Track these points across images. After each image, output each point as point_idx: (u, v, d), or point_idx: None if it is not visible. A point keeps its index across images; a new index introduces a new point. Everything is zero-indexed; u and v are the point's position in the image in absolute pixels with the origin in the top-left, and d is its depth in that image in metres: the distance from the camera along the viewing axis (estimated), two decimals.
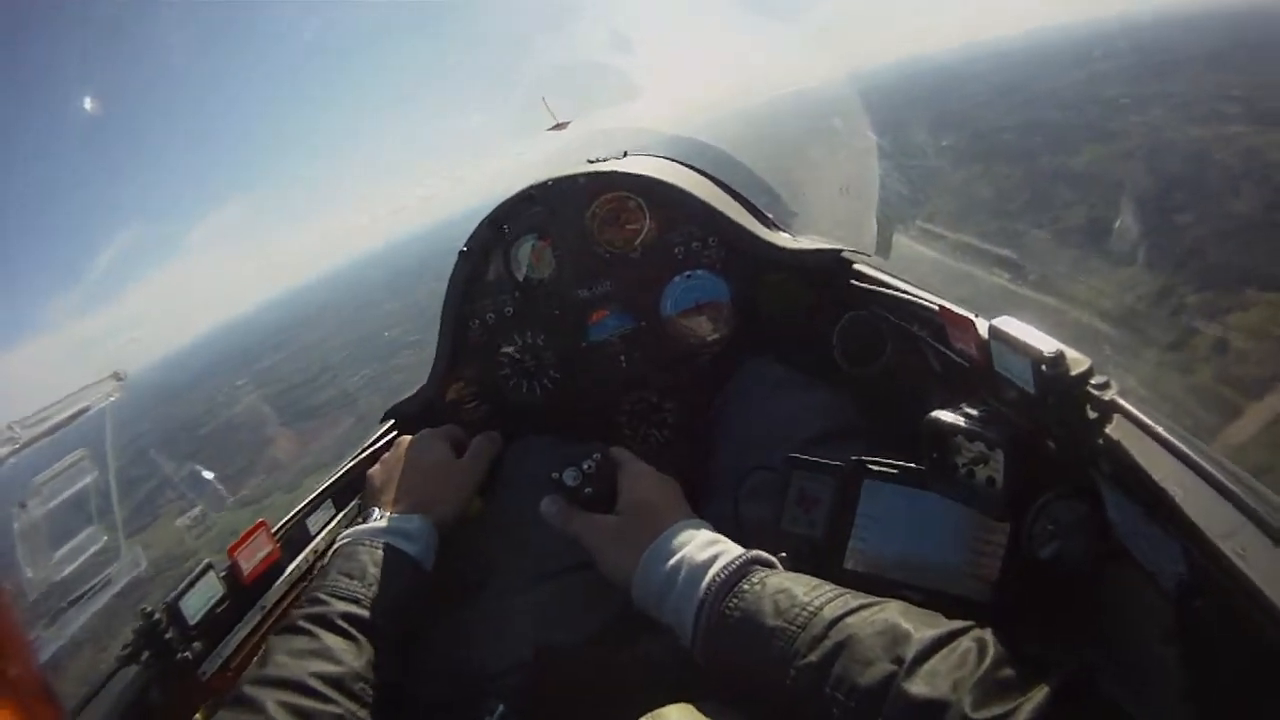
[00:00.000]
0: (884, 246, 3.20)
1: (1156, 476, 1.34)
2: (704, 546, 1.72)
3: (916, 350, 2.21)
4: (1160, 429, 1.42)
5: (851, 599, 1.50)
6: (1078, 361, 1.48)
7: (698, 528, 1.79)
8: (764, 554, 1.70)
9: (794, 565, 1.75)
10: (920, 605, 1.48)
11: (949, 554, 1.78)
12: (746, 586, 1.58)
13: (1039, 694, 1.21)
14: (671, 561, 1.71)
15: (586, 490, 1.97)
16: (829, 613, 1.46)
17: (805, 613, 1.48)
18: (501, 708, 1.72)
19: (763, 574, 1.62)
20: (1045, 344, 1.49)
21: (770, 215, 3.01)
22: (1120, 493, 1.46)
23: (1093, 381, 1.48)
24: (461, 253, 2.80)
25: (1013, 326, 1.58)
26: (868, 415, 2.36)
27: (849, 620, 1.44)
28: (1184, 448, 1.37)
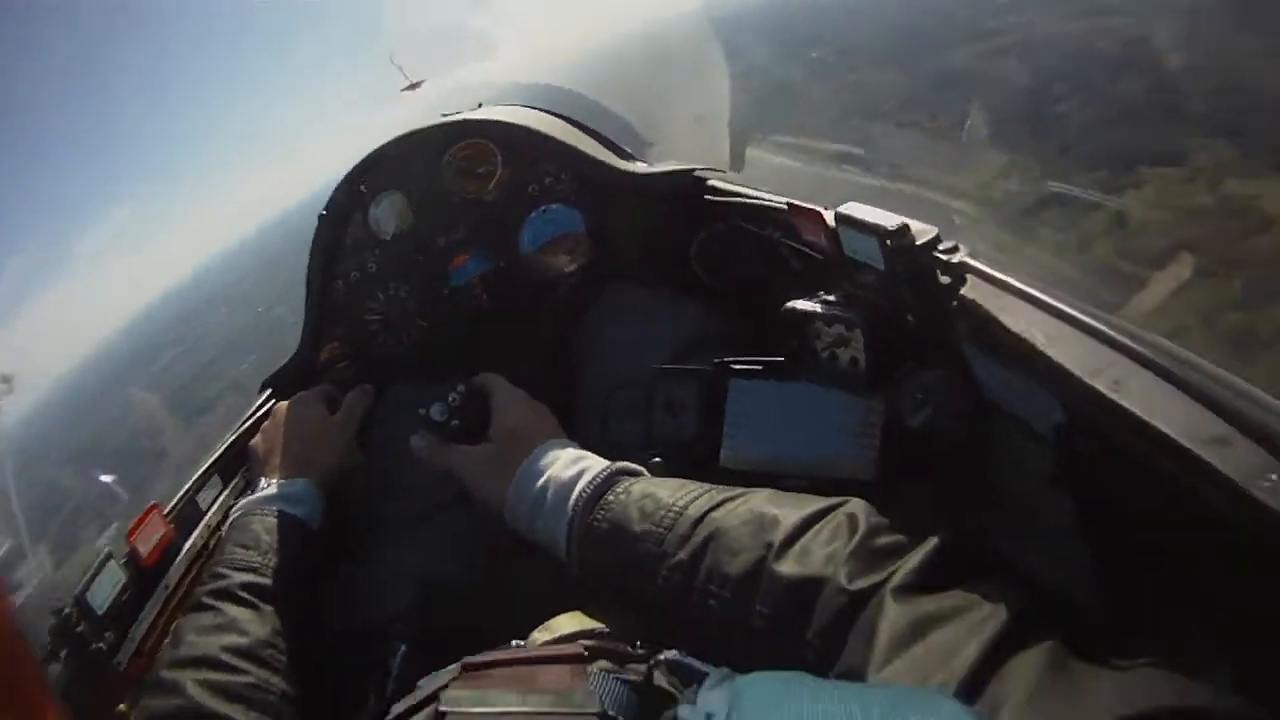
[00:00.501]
0: (738, 161, 3.18)
1: (1016, 328, 1.34)
2: (570, 464, 1.70)
3: (776, 255, 2.21)
4: (1014, 282, 1.42)
5: (717, 494, 1.48)
6: (924, 231, 1.48)
7: (563, 447, 1.77)
8: (630, 465, 1.68)
9: (669, 471, 1.73)
10: (805, 491, 1.46)
11: (827, 440, 1.76)
12: (612, 497, 1.56)
13: (916, 555, 1.19)
14: (539, 482, 1.68)
15: (454, 423, 1.92)
16: (694, 510, 1.44)
17: (671, 514, 1.45)
18: (403, 648, 1.69)
19: (628, 483, 1.59)
20: (889, 219, 1.49)
21: (627, 148, 2.96)
22: (984, 351, 1.46)
23: (940, 248, 1.48)
24: (320, 216, 2.74)
25: (856, 209, 1.57)
26: (731, 324, 2.35)
27: (714, 514, 1.41)
28: (1041, 296, 1.37)
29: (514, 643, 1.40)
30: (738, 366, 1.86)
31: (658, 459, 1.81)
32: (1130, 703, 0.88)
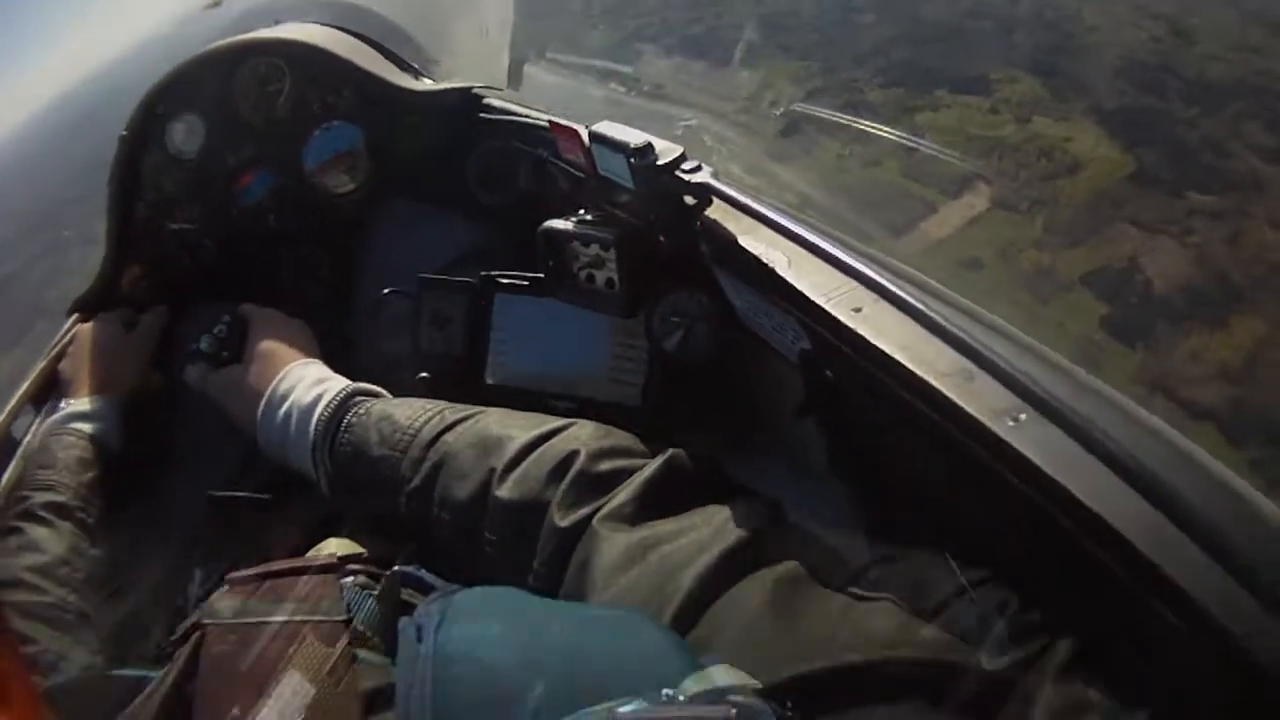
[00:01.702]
0: (515, 78, 3.08)
1: (758, 253, 1.30)
2: (311, 386, 1.63)
3: (546, 172, 2.09)
4: (757, 205, 1.38)
5: (450, 414, 1.45)
6: (669, 150, 1.42)
7: (306, 367, 1.71)
8: (367, 385, 1.63)
9: (435, 387, 1.71)
10: (570, 414, 1.40)
11: (594, 361, 1.72)
12: (353, 419, 1.50)
13: (634, 481, 1.16)
14: (284, 408, 1.61)
15: (224, 354, 1.83)
16: (427, 433, 1.40)
17: (405, 436, 1.41)
18: (199, 573, 1.65)
19: (368, 404, 1.54)
20: (635, 137, 1.42)
21: (415, 65, 2.83)
22: (731, 275, 1.43)
23: (684, 167, 1.42)
24: (120, 138, 2.57)
25: (610, 128, 1.50)
26: (508, 241, 2.28)
27: (446, 437, 1.39)
28: (783, 221, 1.33)
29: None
30: (504, 281, 1.81)
31: (424, 375, 1.79)
32: (854, 646, 0.85)
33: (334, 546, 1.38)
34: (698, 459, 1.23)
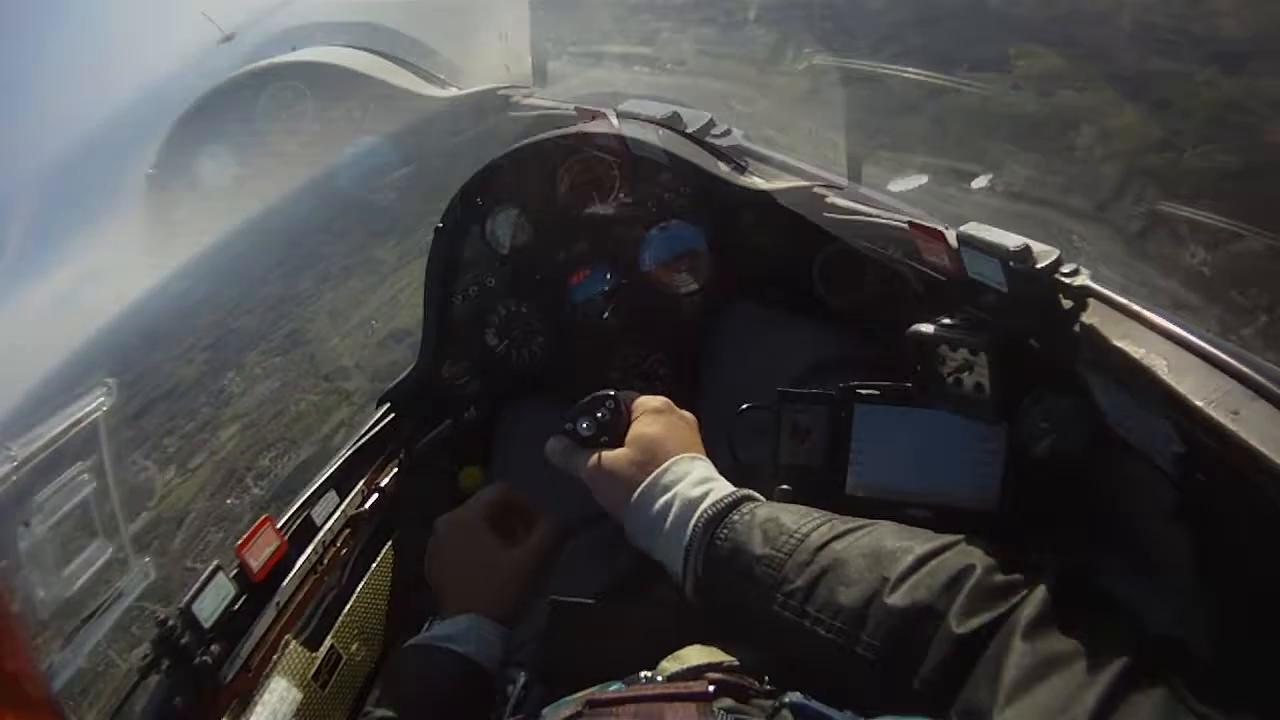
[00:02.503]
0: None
1: (1137, 355, 1.34)
2: (697, 483, 1.70)
3: (897, 274, 2.21)
4: (1136, 306, 1.42)
5: (840, 524, 1.51)
6: (1046, 253, 1.48)
7: (694, 463, 1.77)
8: (754, 492, 1.69)
9: (796, 497, 1.77)
10: (927, 522, 1.48)
11: (951, 467, 1.78)
12: (736, 518, 1.58)
13: (1037, 594, 1.21)
14: (665, 497, 1.69)
15: (603, 439, 1.91)
16: (816, 539, 1.47)
17: (793, 540, 1.47)
18: (523, 676, 1.71)
19: (752, 506, 1.61)
20: (1011, 240, 1.49)
21: (732, 156, 2.98)
22: (1105, 378, 1.46)
23: (1062, 270, 1.48)
24: (437, 229, 2.81)
25: (980, 230, 1.58)
26: (856, 346, 2.36)
27: (835, 545, 1.45)
28: (1162, 322, 1.38)
29: (642, 675, 1.42)
30: (863, 391, 1.88)
31: (785, 486, 1.85)
32: None
33: (694, 655, 1.46)
34: (1078, 571, 1.28)
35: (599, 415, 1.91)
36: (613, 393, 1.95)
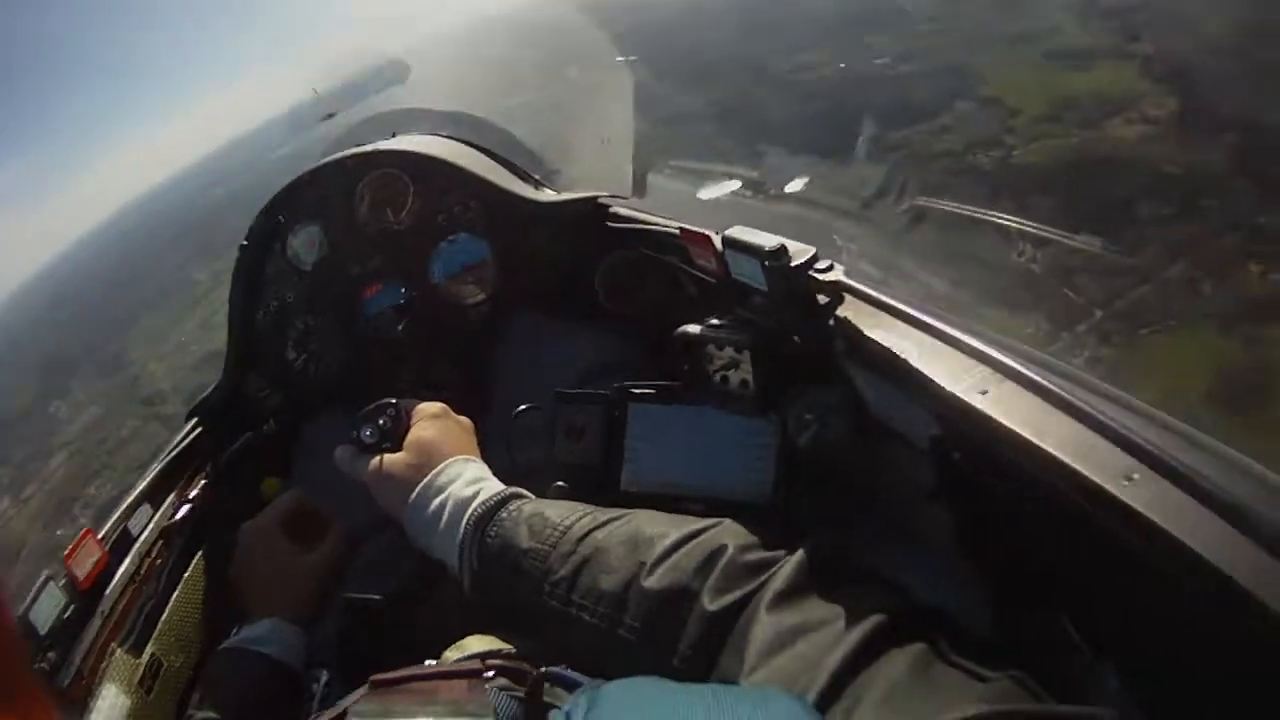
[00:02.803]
0: (640, 187, 3.21)
1: (889, 344, 1.39)
2: (469, 483, 1.73)
3: (673, 279, 2.27)
4: (887, 299, 1.48)
5: (601, 515, 1.54)
6: (801, 251, 1.53)
7: (467, 464, 1.80)
8: (522, 490, 1.71)
9: (572, 494, 1.78)
10: (703, 515, 1.49)
11: (724, 462, 1.81)
12: (504, 515, 1.60)
13: (784, 568, 1.24)
14: (439, 498, 1.71)
15: (385, 445, 1.91)
16: (578, 530, 1.50)
17: (556, 532, 1.51)
18: (326, 674, 1.75)
19: (520, 503, 1.64)
20: (768, 240, 1.53)
21: (536, 176, 3.02)
22: (864, 369, 1.51)
23: (816, 267, 1.53)
24: (240, 247, 2.79)
25: (742, 232, 1.62)
26: (636, 350, 2.40)
27: (596, 534, 1.48)
28: (914, 312, 1.43)
29: (427, 663, 1.44)
30: (636, 391, 1.91)
31: (561, 484, 1.87)
32: (985, 702, 0.93)
33: (475, 644, 1.48)
34: (832, 546, 1.30)
35: (380, 422, 1.92)
36: (394, 401, 1.96)
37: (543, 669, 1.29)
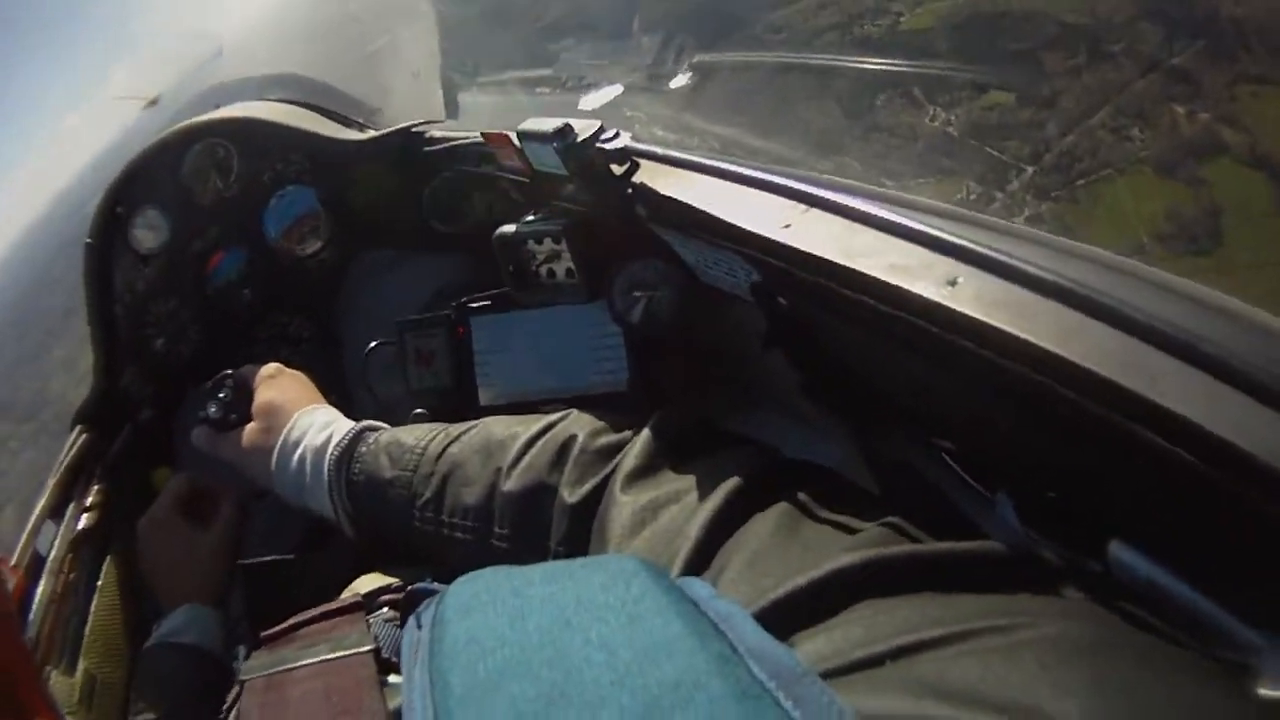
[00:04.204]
0: (452, 109, 3.10)
1: (689, 200, 1.31)
2: (321, 429, 1.66)
3: (497, 190, 2.20)
4: (681, 155, 1.41)
5: (455, 429, 1.50)
6: (587, 126, 1.45)
7: (314, 413, 1.73)
8: (374, 422, 1.66)
9: (432, 420, 1.73)
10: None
11: (577, 359, 1.74)
12: (363, 449, 1.55)
13: (634, 447, 1.20)
14: (298, 453, 1.64)
15: (232, 417, 1.83)
16: (434, 448, 1.46)
17: (414, 455, 1.46)
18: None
19: (375, 435, 1.59)
20: (552, 124, 1.46)
21: (360, 120, 2.87)
22: (673, 232, 1.45)
23: (603, 138, 1.45)
24: (86, 245, 2.58)
25: (533, 123, 1.53)
26: (475, 268, 2.31)
27: (452, 449, 1.44)
28: (708, 162, 1.36)
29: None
30: (474, 306, 1.85)
31: (419, 410, 1.83)
32: (855, 551, 0.84)
33: (364, 584, 1.42)
34: (689, 416, 1.26)
35: (221, 395, 1.86)
36: (230, 371, 1.91)
37: (411, 587, 1.23)
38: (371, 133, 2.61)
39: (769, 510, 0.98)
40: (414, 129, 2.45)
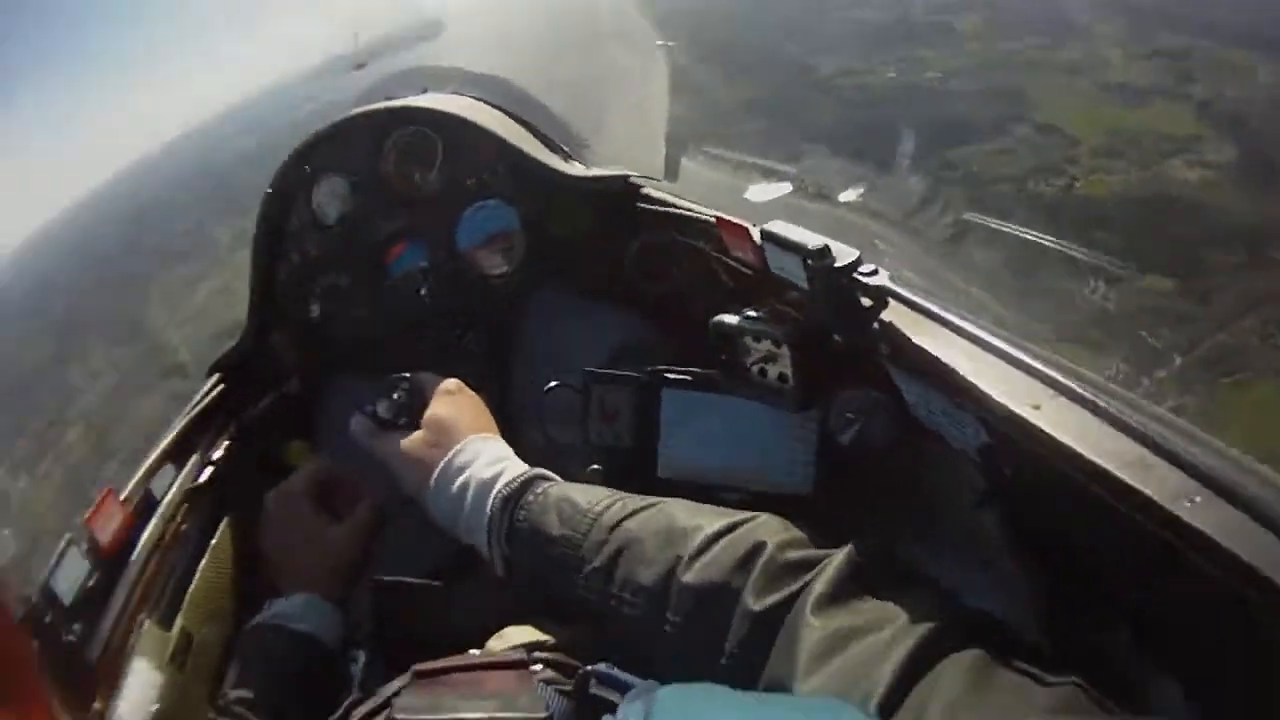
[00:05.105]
0: (672, 171, 3.17)
1: (937, 352, 1.37)
2: (491, 462, 1.71)
3: (706, 266, 2.23)
4: (934, 307, 1.46)
5: (630, 501, 1.53)
6: (845, 253, 1.51)
7: (485, 442, 1.78)
8: (546, 471, 1.69)
9: (607, 478, 1.77)
10: (739, 506, 1.48)
11: (762, 453, 1.80)
12: (531, 498, 1.58)
13: (829, 568, 1.22)
14: (460, 479, 1.69)
15: (401, 420, 1.89)
16: (609, 518, 1.49)
17: (586, 519, 1.50)
18: (363, 656, 1.69)
19: (545, 485, 1.62)
20: (812, 239, 1.52)
21: (565, 148, 2.97)
22: (907, 373, 1.50)
23: (861, 270, 1.51)
24: (266, 195, 2.70)
25: (782, 228, 1.60)
26: (662, 334, 2.40)
27: (628, 524, 1.47)
28: (961, 323, 1.41)
29: (470, 653, 1.43)
30: (671, 376, 1.89)
31: (595, 467, 1.86)
32: (1050, 711, 0.91)
33: (516, 635, 1.47)
34: (877, 548, 1.28)
35: (395, 397, 1.91)
36: (407, 375, 1.95)
37: (589, 667, 1.25)
38: (578, 165, 2.66)
39: (959, 657, 1.02)
40: (632, 179, 2.51)
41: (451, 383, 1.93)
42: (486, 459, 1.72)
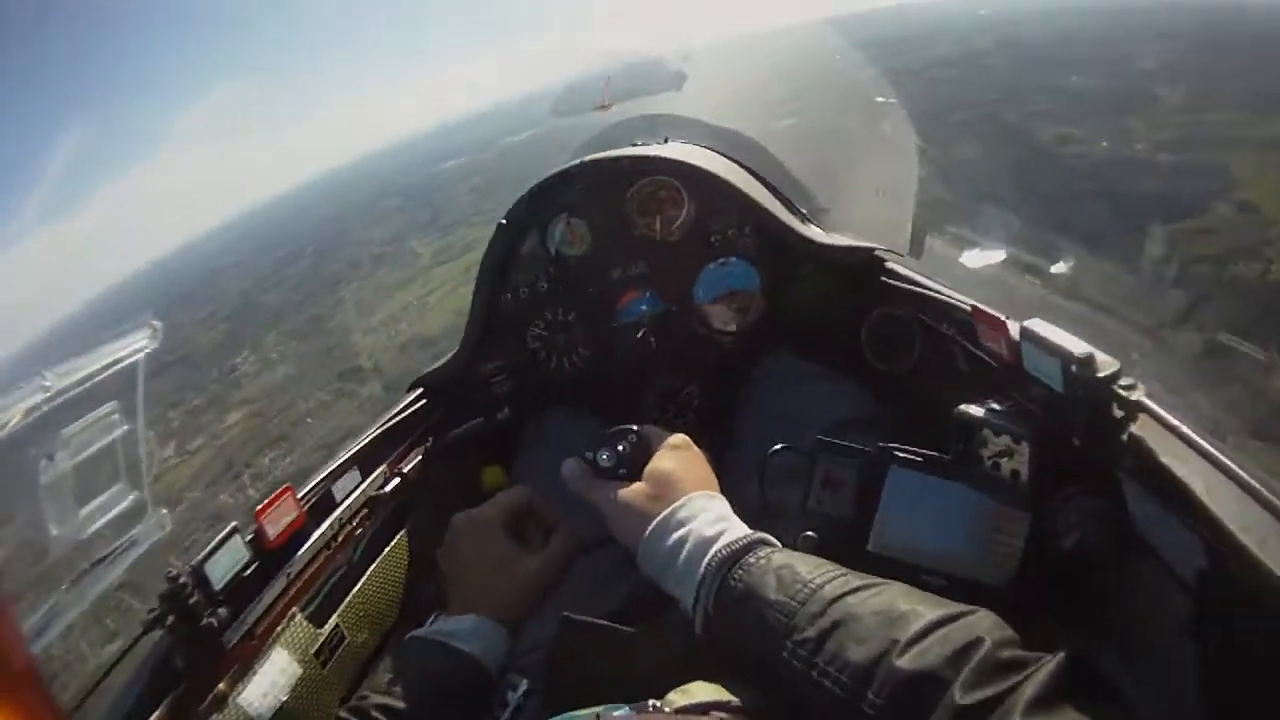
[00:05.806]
0: (917, 247, 3.22)
1: (1179, 473, 1.41)
2: (713, 522, 1.76)
3: (945, 350, 2.28)
4: (1185, 428, 1.50)
5: (853, 579, 1.54)
6: (1107, 363, 1.58)
7: (710, 500, 1.83)
8: (769, 536, 1.73)
9: (820, 545, 1.84)
10: (941, 590, 1.52)
11: (971, 543, 1.84)
12: (752, 560, 1.62)
13: (1042, 672, 1.24)
14: (679, 533, 1.75)
15: (620, 471, 1.95)
16: (829, 591, 1.50)
17: (806, 589, 1.51)
18: (525, 684, 1.76)
19: (768, 550, 1.65)
20: (1076, 346, 1.59)
21: (804, 210, 3.07)
22: (1142, 487, 1.54)
23: (1120, 382, 1.58)
24: (499, 225, 2.86)
25: (1044, 328, 1.68)
26: (892, 410, 2.42)
27: (849, 599, 1.47)
28: (1207, 446, 1.45)
29: (650, 703, 1.48)
30: (901, 455, 1.93)
31: (811, 534, 1.91)
32: None
33: (700, 691, 1.51)
34: (1086, 659, 1.30)
35: (620, 448, 1.96)
36: (635, 428, 2.00)
37: None
38: (815, 229, 2.75)
39: None
40: (878, 253, 2.61)
41: (679, 438, 2.00)
42: (710, 517, 1.77)
